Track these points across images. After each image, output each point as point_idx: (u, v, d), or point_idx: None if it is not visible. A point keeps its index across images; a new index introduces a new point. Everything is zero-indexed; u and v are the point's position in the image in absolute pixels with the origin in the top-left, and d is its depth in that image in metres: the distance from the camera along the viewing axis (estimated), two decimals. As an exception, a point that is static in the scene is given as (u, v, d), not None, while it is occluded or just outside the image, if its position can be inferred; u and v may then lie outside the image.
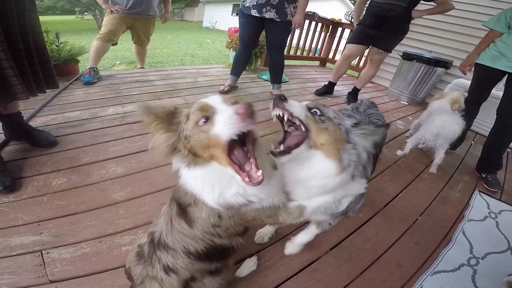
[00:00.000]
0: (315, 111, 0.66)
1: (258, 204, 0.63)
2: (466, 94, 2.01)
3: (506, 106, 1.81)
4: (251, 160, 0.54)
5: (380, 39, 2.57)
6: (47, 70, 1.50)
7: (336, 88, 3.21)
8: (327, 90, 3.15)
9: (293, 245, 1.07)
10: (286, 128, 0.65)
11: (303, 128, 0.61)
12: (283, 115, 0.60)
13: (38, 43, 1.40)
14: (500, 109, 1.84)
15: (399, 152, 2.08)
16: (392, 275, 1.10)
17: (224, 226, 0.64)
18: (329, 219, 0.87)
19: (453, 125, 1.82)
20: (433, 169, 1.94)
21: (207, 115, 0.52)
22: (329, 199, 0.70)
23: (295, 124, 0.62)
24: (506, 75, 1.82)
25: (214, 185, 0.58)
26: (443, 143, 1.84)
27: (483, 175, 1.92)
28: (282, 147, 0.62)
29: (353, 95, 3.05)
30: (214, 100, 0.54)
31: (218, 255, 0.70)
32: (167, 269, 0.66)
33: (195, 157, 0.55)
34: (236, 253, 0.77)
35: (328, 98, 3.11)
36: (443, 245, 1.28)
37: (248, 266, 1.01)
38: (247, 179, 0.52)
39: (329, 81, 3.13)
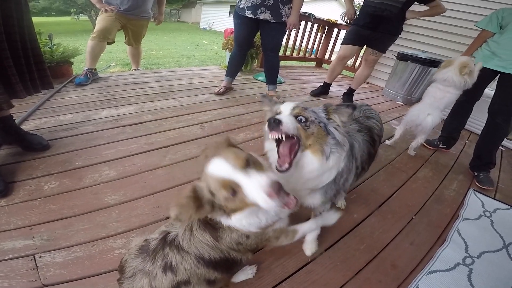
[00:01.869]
0: (300, 119, 0.75)
1: (278, 224, 0.72)
2: (474, 59, 1.89)
3: (496, 104, 1.83)
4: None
5: (375, 40, 2.58)
6: (41, 70, 1.50)
7: (331, 88, 3.23)
8: (323, 91, 3.16)
9: (310, 243, 1.12)
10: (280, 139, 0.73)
11: (295, 138, 0.73)
12: (281, 136, 0.70)
13: (33, 44, 1.40)
14: (491, 107, 1.87)
15: (387, 142, 2.12)
16: (387, 275, 1.10)
17: (247, 244, 0.70)
18: (322, 200, 0.94)
19: (426, 115, 1.93)
20: (410, 151, 2.07)
21: (233, 190, 0.57)
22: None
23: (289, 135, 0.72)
24: (498, 74, 1.84)
25: (253, 218, 0.66)
26: (420, 131, 1.98)
27: (476, 174, 1.94)
28: (287, 165, 0.72)
29: (348, 95, 3.07)
30: (227, 172, 0.57)
31: (226, 265, 0.73)
32: (167, 267, 0.67)
33: (235, 211, 0.63)
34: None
35: (324, 99, 3.12)
36: (438, 244, 1.29)
37: (246, 273, 1.00)
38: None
39: (325, 82, 3.14)
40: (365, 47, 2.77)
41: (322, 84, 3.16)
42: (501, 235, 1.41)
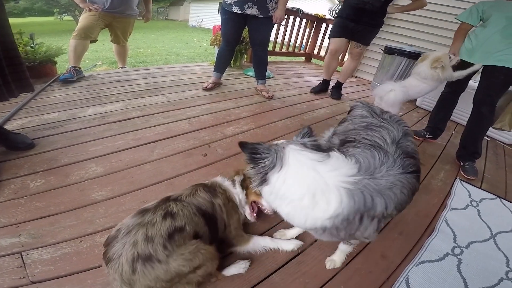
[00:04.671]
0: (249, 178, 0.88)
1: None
2: (452, 56, 1.98)
3: (480, 94, 1.88)
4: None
5: (357, 33, 2.62)
6: (20, 73, 1.45)
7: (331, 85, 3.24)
8: (322, 88, 3.18)
9: (337, 257, 1.10)
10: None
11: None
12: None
13: (7, 45, 1.35)
14: (476, 97, 1.91)
15: None
16: (377, 266, 1.10)
17: (228, 207, 1.02)
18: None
19: (389, 91, 2.11)
20: None
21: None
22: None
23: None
24: (482, 66, 1.89)
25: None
26: (385, 106, 2.09)
27: (462, 163, 1.99)
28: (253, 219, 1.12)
29: (337, 89, 3.10)
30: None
31: (214, 226, 0.92)
32: (168, 214, 0.79)
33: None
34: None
35: (325, 97, 3.11)
36: (427, 234, 1.30)
37: (238, 267, 0.99)
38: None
39: (323, 79, 3.16)
40: (350, 41, 2.81)
41: (321, 81, 3.18)
42: (488, 225, 1.42)
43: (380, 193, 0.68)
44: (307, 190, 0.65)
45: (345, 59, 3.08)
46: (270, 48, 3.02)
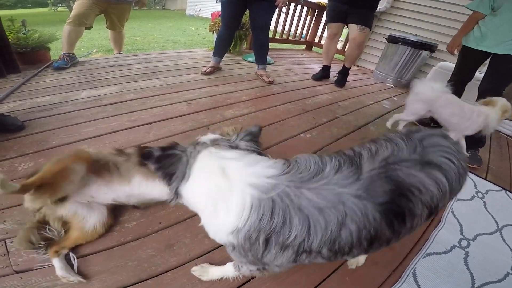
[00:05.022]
0: None
1: None
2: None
3: (485, 83, 1.85)
4: None
5: (355, 15, 2.51)
6: (5, 54, 1.42)
7: (332, 72, 3.14)
8: (323, 75, 3.07)
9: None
10: None
11: None
12: None
13: None
14: (481, 86, 1.89)
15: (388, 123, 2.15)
16: (383, 257, 1.05)
17: None
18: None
19: (443, 95, 1.83)
20: (388, 122, 2.13)
21: None
22: None
23: None
24: (490, 56, 1.84)
25: None
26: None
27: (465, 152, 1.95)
28: None
29: (343, 76, 2.97)
30: None
31: None
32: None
33: None
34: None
35: (326, 84, 3.02)
36: (434, 225, 1.25)
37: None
38: None
39: (323, 65, 3.06)
40: (349, 25, 2.66)
41: (321, 68, 3.08)
42: (494, 217, 1.38)
43: (300, 211, 0.47)
44: (208, 196, 0.53)
45: (347, 47, 2.94)
46: (270, 36, 2.91)
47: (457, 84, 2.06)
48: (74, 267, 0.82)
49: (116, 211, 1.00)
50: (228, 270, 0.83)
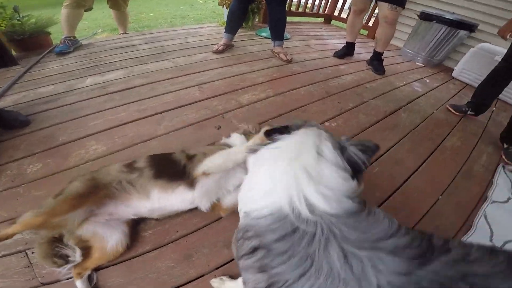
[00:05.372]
0: None
1: None
2: None
3: None
4: None
5: None
6: None
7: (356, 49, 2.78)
8: (347, 52, 2.72)
9: None
10: None
11: None
12: None
13: None
14: None
15: None
16: None
17: None
18: None
19: None
20: None
21: None
22: None
23: None
24: None
25: None
26: None
27: (505, 146, 1.68)
28: None
29: (378, 61, 2.56)
30: None
31: None
32: None
33: None
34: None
35: (350, 62, 2.68)
36: (463, 231, 1.11)
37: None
38: None
39: (347, 42, 2.70)
40: (380, 3, 2.25)
41: (344, 44, 2.73)
42: None
43: (327, 266, 0.39)
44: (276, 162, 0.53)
45: (378, 29, 2.51)
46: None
47: (507, 69, 1.74)
48: (93, 281, 0.78)
49: (138, 225, 0.93)
50: (239, 285, 0.74)
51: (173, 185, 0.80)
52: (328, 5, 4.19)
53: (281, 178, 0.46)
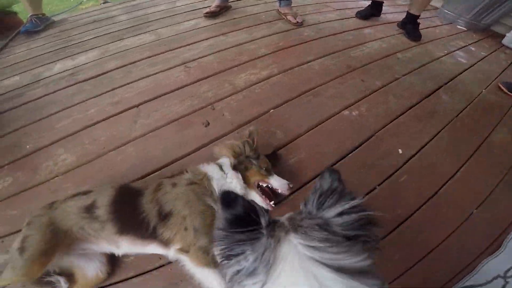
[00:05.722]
0: None
1: None
2: None
3: None
4: None
5: None
6: None
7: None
8: (373, 12, 2.15)
9: None
10: None
11: None
12: None
13: None
14: None
15: None
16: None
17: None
18: None
19: None
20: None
21: None
22: None
23: None
24: None
25: None
26: None
27: None
28: None
29: (413, 26, 1.96)
30: None
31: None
32: None
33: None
34: None
35: (377, 25, 2.10)
36: (489, 252, 0.91)
37: None
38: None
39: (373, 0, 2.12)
40: None
41: (370, 4, 2.14)
42: None
43: None
44: None
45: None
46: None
47: None
48: None
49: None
50: None
51: (144, 242, 0.72)
52: None
53: None
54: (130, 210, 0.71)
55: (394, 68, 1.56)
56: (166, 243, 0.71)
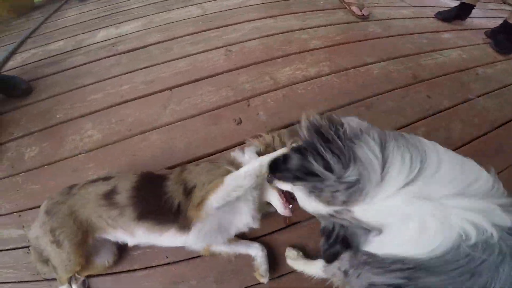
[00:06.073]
0: None
1: None
2: None
3: None
4: None
5: None
6: None
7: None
8: (458, 13, 1.72)
9: None
10: None
11: None
12: None
13: None
14: None
15: None
16: None
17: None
18: None
19: None
20: None
21: None
22: None
23: None
24: None
25: None
26: None
27: None
28: None
29: (507, 36, 1.54)
30: None
31: None
32: None
33: None
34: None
35: (461, 30, 1.69)
36: None
37: None
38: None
39: (462, 1, 1.70)
40: None
41: (458, 5, 1.72)
42: None
43: None
44: None
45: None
46: None
47: None
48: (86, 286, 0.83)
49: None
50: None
51: (162, 228, 0.69)
52: None
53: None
54: (153, 192, 0.70)
55: (469, 86, 1.25)
56: (185, 226, 0.68)
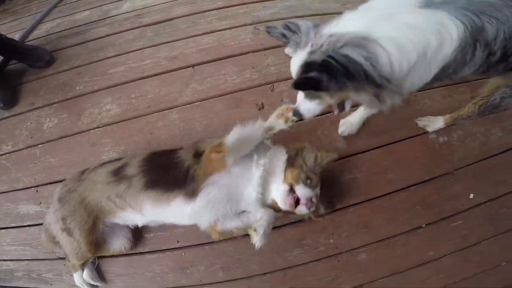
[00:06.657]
0: None
1: None
2: None
3: None
4: None
5: None
6: None
7: None
8: None
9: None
10: None
11: None
12: None
13: None
14: None
15: None
16: None
17: None
18: None
19: None
20: None
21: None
22: None
23: None
24: None
25: None
26: None
27: None
28: None
29: None
30: None
31: None
32: None
33: None
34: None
35: None
36: None
37: None
38: None
39: None
40: None
41: None
42: None
43: None
44: None
45: None
46: None
47: None
48: (95, 265, 0.86)
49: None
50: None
51: (169, 196, 0.68)
52: None
53: None
54: (163, 160, 0.71)
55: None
56: (192, 192, 0.66)
